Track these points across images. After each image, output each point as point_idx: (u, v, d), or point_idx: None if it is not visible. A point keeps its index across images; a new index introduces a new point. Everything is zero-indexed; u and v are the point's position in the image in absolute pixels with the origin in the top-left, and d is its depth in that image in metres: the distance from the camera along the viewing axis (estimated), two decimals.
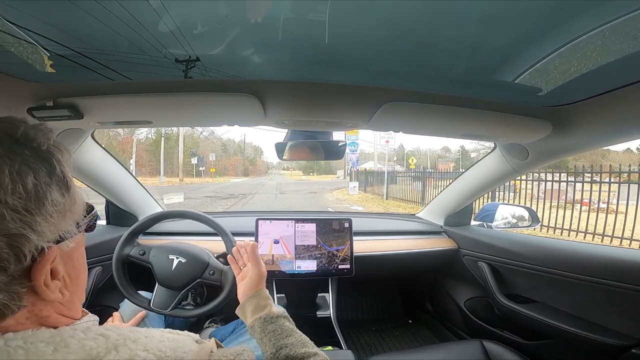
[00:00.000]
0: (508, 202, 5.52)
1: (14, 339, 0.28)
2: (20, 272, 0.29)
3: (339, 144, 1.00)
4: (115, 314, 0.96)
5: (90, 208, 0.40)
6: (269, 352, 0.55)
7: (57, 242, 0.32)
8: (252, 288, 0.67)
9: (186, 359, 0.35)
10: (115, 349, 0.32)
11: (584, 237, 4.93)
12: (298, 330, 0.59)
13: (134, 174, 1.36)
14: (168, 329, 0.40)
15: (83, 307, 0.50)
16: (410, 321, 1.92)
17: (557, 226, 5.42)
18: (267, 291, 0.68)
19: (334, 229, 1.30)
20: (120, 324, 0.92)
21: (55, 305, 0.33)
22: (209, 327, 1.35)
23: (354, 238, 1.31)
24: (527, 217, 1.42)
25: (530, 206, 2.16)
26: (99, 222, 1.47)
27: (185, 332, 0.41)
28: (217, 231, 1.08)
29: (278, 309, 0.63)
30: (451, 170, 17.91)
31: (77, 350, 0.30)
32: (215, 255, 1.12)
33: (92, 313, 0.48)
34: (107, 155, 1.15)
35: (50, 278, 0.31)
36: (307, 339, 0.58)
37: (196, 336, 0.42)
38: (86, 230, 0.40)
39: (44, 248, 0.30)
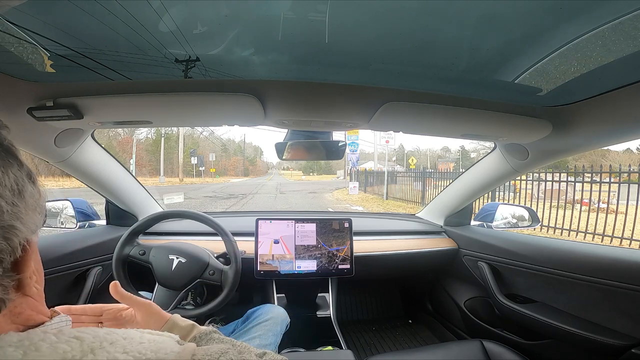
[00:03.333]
0: (508, 202, 5.52)
1: None
2: (10, 264, 0.29)
3: (339, 144, 1.00)
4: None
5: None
6: None
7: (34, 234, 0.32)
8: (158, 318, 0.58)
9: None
10: (91, 352, 0.30)
11: (584, 237, 4.93)
12: (236, 340, 0.52)
13: (134, 174, 1.36)
14: (148, 330, 0.38)
15: None
16: (410, 321, 1.92)
17: (557, 226, 5.42)
18: (177, 316, 0.58)
19: (334, 229, 1.30)
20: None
21: (29, 301, 0.33)
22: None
23: (354, 238, 1.31)
24: (527, 217, 1.42)
25: (530, 206, 2.16)
26: (98, 222, 1.47)
27: (166, 332, 0.40)
28: (217, 231, 1.08)
29: (203, 326, 0.56)
30: (451, 170, 17.90)
31: (48, 354, 0.29)
32: (215, 255, 1.12)
33: None
34: (107, 155, 1.15)
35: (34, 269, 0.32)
36: (248, 345, 0.51)
37: (176, 337, 0.40)
38: None
39: (29, 240, 0.31)
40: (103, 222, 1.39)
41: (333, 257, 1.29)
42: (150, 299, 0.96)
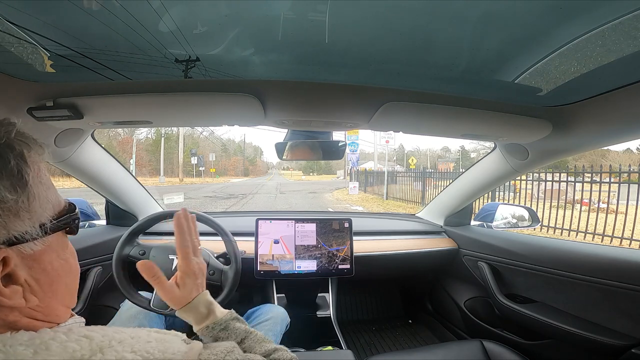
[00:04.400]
0: (508, 202, 5.52)
1: None
2: None
3: (339, 144, 1.00)
4: None
5: (70, 208, 0.37)
6: None
7: (10, 244, 0.29)
8: (177, 300, 0.53)
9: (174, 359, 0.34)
10: (100, 351, 0.31)
11: (584, 237, 4.93)
12: (252, 329, 0.54)
13: (134, 174, 1.36)
14: (155, 329, 0.39)
15: (84, 307, 0.49)
16: (410, 321, 1.92)
17: (557, 226, 5.42)
18: (207, 294, 0.56)
19: (334, 229, 1.30)
20: None
21: (24, 310, 0.32)
22: None
23: (354, 238, 1.31)
24: (527, 217, 1.42)
25: (530, 206, 2.16)
26: (98, 222, 1.46)
27: (172, 331, 0.40)
28: (217, 231, 1.08)
29: (223, 312, 0.55)
30: (451, 170, 17.90)
31: (59, 352, 0.29)
32: (215, 255, 1.12)
33: (92, 313, 0.47)
34: (107, 155, 1.15)
35: (1, 283, 0.29)
36: (263, 336, 0.53)
37: (183, 335, 0.41)
38: (68, 232, 0.38)
39: None
40: (103, 222, 1.38)
41: (333, 257, 1.29)
42: (151, 299, 0.97)
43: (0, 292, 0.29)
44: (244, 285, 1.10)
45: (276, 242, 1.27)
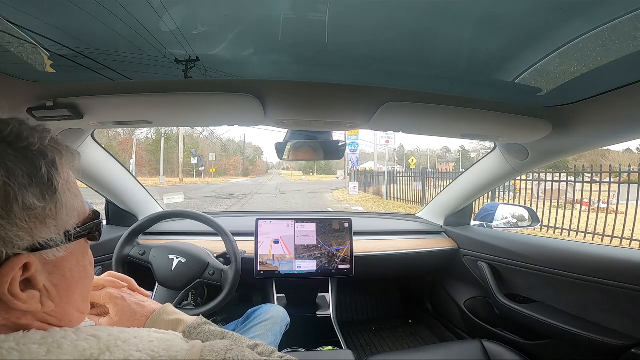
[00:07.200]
0: (508, 202, 5.52)
1: (6, 341, 0.28)
2: None
3: (339, 144, 1.00)
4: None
5: (94, 215, 0.38)
6: None
7: (33, 249, 0.30)
8: (133, 320, 0.51)
9: (179, 358, 0.34)
10: (108, 349, 0.31)
11: (584, 237, 4.93)
12: (228, 330, 0.52)
13: (134, 174, 1.36)
14: (153, 329, 0.39)
15: None
16: (410, 321, 1.92)
17: (557, 226, 5.42)
18: (170, 306, 0.55)
19: (334, 229, 1.30)
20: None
21: (38, 314, 0.32)
22: None
23: (354, 238, 1.31)
24: (527, 217, 1.42)
25: (530, 206, 2.16)
26: None
27: (170, 331, 0.40)
28: (217, 231, 1.08)
29: (192, 318, 0.53)
30: (451, 170, 17.90)
31: (70, 351, 0.30)
32: (215, 255, 1.12)
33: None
34: (107, 155, 1.15)
35: (18, 288, 0.29)
36: (240, 335, 0.51)
37: (180, 334, 0.41)
38: (90, 239, 0.38)
39: (9, 255, 0.28)
40: (103, 222, 1.38)
41: (333, 257, 1.29)
42: (151, 298, 0.97)
43: (17, 296, 0.29)
44: (244, 285, 1.10)
45: (276, 242, 1.27)
